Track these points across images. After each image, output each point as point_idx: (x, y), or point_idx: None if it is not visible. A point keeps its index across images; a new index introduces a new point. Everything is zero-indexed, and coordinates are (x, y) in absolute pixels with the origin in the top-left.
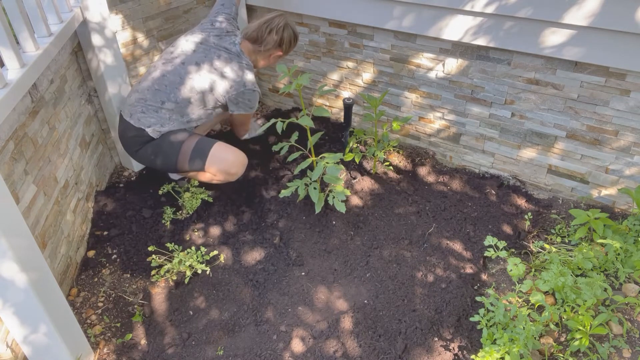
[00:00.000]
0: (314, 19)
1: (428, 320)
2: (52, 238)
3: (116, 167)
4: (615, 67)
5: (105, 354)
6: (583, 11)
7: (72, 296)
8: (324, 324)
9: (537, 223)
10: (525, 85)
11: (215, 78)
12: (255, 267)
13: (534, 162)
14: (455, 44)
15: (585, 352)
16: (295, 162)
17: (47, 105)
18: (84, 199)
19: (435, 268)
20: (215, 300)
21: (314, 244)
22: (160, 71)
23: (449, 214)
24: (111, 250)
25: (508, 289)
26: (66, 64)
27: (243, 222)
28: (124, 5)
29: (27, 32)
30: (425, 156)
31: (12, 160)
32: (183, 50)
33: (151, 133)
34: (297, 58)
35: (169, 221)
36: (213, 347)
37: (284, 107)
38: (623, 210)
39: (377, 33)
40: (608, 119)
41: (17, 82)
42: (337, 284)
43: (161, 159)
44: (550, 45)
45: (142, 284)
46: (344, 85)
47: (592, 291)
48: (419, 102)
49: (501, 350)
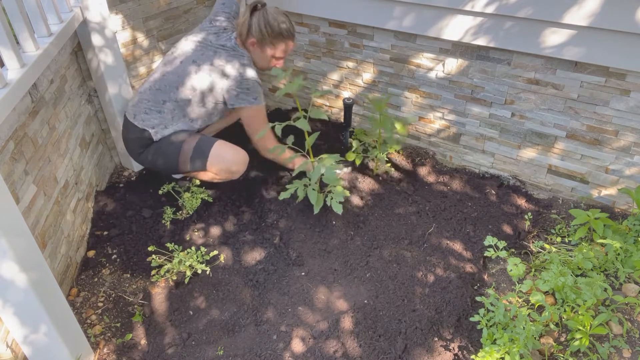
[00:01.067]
0: (314, 19)
1: (428, 320)
2: (52, 238)
3: (116, 167)
4: (615, 67)
5: (105, 354)
6: (583, 11)
7: (72, 296)
8: (324, 324)
9: (537, 223)
10: (525, 85)
11: (214, 75)
12: (255, 267)
13: (534, 162)
14: (455, 44)
15: (585, 352)
16: None
17: (47, 105)
18: (84, 199)
19: (435, 268)
20: (215, 300)
21: (314, 244)
22: (161, 72)
23: (449, 214)
24: (111, 250)
25: (508, 289)
26: (66, 64)
27: (243, 222)
28: (124, 5)
29: (27, 32)
30: (425, 156)
31: (12, 160)
32: (182, 50)
33: (153, 135)
34: (297, 58)
35: (169, 221)
36: (213, 347)
37: (284, 107)
38: (623, 210)
39: (377, 33)
40: (608, 119)
41: (17, 82)
42: (337, 284)
43: (163, 160)
44: (551, 45)
45: (142, 284)
46: (344, 85)
47: (592, 291)
48: (419, 102)
49: (501, 350)
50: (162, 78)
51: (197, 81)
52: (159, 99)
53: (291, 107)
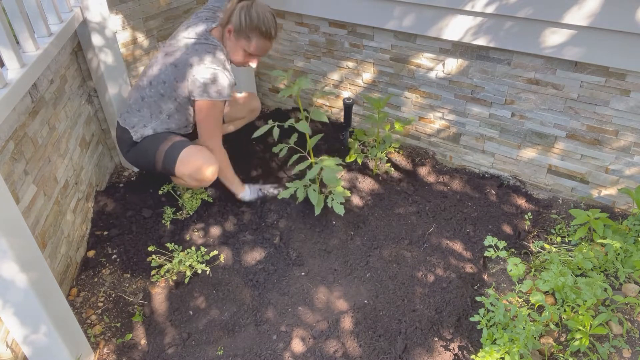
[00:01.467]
0: (314, 19)
1: (428, 320)
2: (52, 238)
3: (116, 167)
4: (615, 67)
5: (105, 354)
6: (583, 11)
7: (72, 296)
8: (324, 324)
9: (537, 223)
10: (525, 85)
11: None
12: (255, 267)
13: (534, 162)
14: (455, 44)
15: (585, 352)
16: (295, 164)
17: (47, 105)
18: (84, 199)
19: (435, 268)
20: (215, 300)
21: (314, 244)
22: (143, 71)
23: (449, 214)
24: (111, 250)
25: (508, 289)
26: (66, 64)
27: (243, 222)
28: (124, 5)
29: (27, 32)
30: (425, 156)
31: (12, 160)
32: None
33: (133, 134)
34: (297, 58)
35: (169, 221)
36: (213, 347)
37: (284, 107)
38: (623, 210)
39: (377, 33)
40: (608, 119)
41: (17, 82)
42: (337, 284)
43: (143, 161)
44: (551, 45)
45: (142, 284)
46: (344, 85)
47: (592, 291)
48: (419, 102)
49: (501, 350)
50: (141, 76)
51: (165, 73)
52: (138, 95)
53: (291, 107)
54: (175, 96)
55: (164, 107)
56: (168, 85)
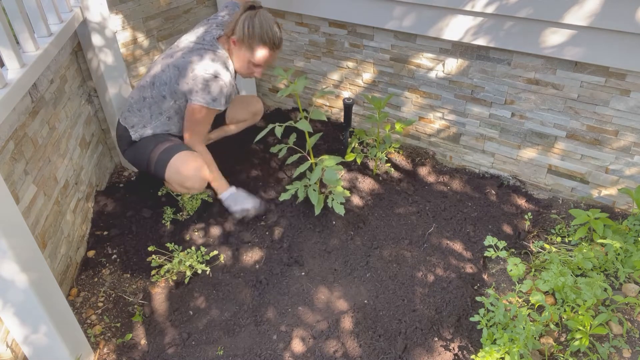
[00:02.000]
0: (314, 19)
1: (428, 320)
2: (52, 238)
3: (116, 167)
4: (615, 67)
5: (105, 354)
6: (583, 11)
7: (72, 296)
8: (324, 324)
9: (537, 223)
10: (525, 85)
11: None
12: (255, 267)
13: (534, 162)
14: (455, 44)
15: (585, 352)
16: (294, 164)
17: (47, 105)
18: (84, 199)
19: (435, 268)
20: (215, 300)
21: (314, 244)
22: (146, 71)
23: (449, 214)
24: (111, 250)
25: (508, 289)
26: (66, 64)
27: (243, 222)
28: (124, 5)
29: (27, 32)
30: (426, 156)
31: (12, 160)
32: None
33: (132, 134)
34: (297, 58)
35: (169, 221)
36: (213, 347)
37: (284, 107)
38: (623, 210)
39: (377, 33)
40: (608, 119)
41: (17, 82)
42: (337, 284)
43: (138, 162)
44: (551, 45)
45: (142, 284)
46: (344, 85)
47: (592, 291)
48: (419, 102)
49: (501, 350)
50: (144, 76)
51: (167, 75)
52: (140, 95)
53: (291, 107)
54: (176, 98)
55: (164, 109)
56: (169, 87)
